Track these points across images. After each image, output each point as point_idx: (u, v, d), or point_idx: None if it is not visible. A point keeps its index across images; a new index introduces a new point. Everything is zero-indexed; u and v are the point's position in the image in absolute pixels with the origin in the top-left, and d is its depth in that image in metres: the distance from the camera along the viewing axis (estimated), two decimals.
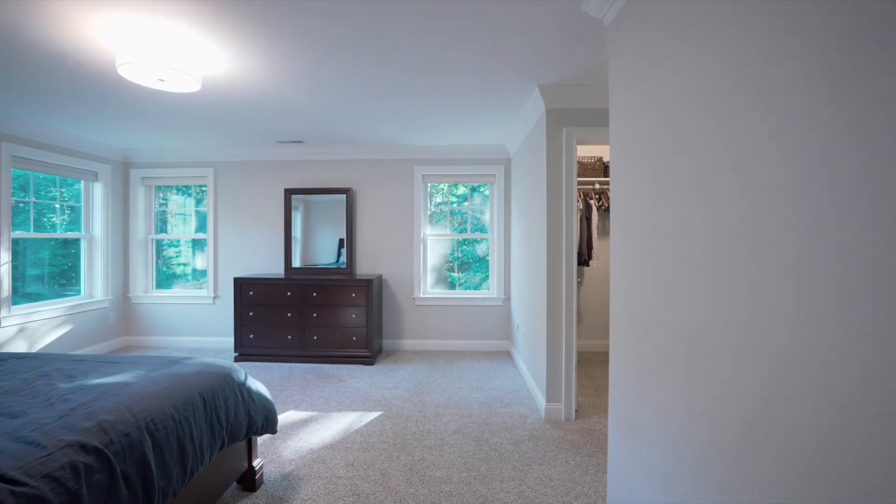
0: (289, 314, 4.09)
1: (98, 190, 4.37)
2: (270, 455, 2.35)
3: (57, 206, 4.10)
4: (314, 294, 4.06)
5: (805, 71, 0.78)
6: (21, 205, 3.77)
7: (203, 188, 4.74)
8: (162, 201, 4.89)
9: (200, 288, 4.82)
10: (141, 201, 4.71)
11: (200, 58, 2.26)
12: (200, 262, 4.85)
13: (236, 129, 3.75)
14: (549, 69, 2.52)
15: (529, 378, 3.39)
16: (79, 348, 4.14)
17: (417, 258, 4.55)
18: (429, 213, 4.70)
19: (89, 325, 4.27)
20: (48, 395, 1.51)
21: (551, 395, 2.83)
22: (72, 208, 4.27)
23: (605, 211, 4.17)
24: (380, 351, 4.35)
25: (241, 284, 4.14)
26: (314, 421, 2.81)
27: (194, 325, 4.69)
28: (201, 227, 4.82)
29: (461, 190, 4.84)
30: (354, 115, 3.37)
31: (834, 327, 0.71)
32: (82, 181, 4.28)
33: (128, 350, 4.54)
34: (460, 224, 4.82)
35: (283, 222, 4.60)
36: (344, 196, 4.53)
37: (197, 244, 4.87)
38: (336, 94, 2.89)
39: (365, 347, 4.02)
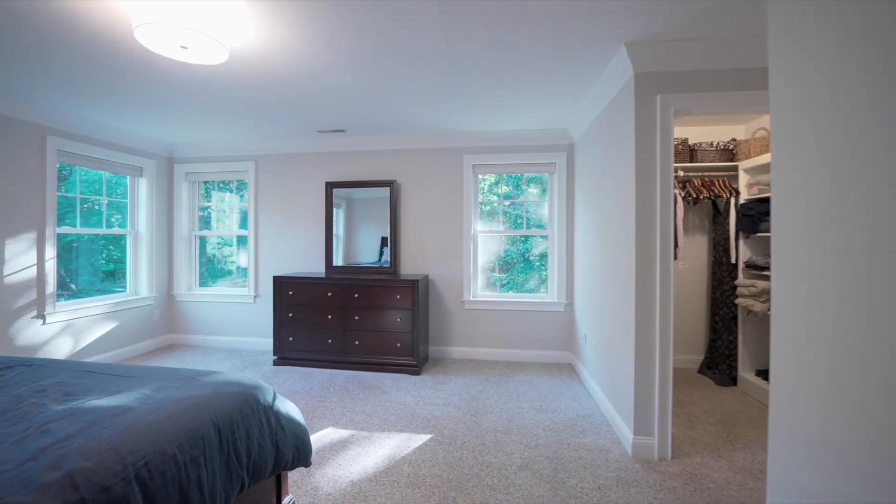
0: (329, 316, 3.78)
1: (143, 185, 4.30)
2: (304, 487, 1.99)
3: (103, 201, 4.05)
4: (356, 295, 3.73)
5: None
6: (68, 200, 3.73)
7: (244, 183, 4.57)
8: (205, 197, 4.78)
9: (241, 286, 4.65)
10: (185, 197, 4.61)
11: (227, 22, 1.95)
12: (242, 259, 4.69)
13: (273, 116, 3.48)
14: (641, 20, 1.98)
15: (604, 400, 2.84)
16: (123, 346, 4.07)
17: (467, 257, 4.10)
18: (479, 207, 4.25)
19: (134, 323, 4.21)
20: (30, 422, 1.21)
21: (640, 426, 2.28)
22: (118, 204, 4.22)
23: (692, 203, 3.51)
24: (426, 359, 3.95)
25: (280, 283, 3.89)
26: (355, 443, 2.43)
27: (235, 324, 4.52)
28: (243, 223, 4.66)
29: (508, 186, 4.33)
30: (401, 97, 2.98)
31: None
32: (128, 177, 4.22)
33: (171, 349, 4.44)
34: (514, 219, 4.32)
35: (324, 218, 4.32)
36: (387, 189, 4.17)
37: (239, 241, 4.72)
38: (382, 69, 2.50)
39: (410, 355, 3.63)
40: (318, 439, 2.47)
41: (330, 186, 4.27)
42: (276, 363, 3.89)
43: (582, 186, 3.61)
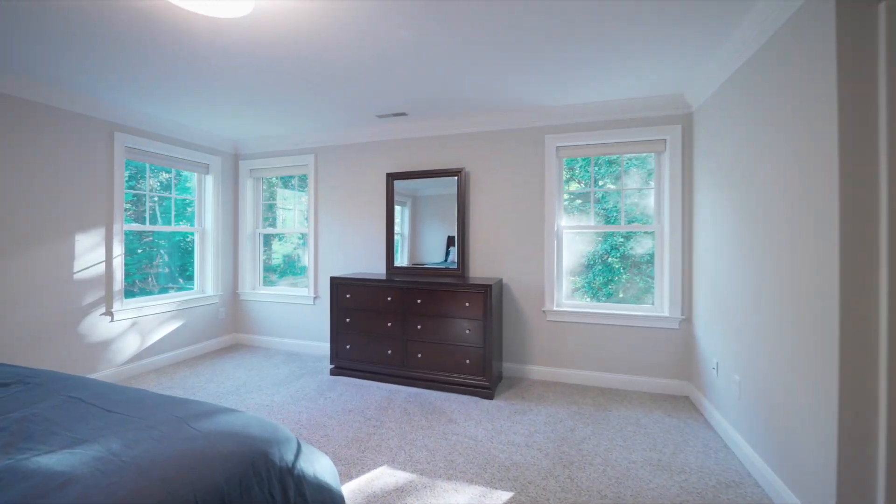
0: (389, 324, 3.33)
1: (209, 183, 4.23)
2: None
3: (172, 198, 4.03)
4: (418, 301, 3.23)
5: None
6: (136, 197, 3.72)
7: (305, 179, 4.32)
8: (268, 194, 4.64)
9: (302, 286, 4.42)
10: (249, 194, 4.49)
11: None
12: (303, 258, 4.46)
13: (330, 98, 3.10)
14: None
15: (758, 462, 1.99)
16: (188, 345, 4.01)
17: (550, 258, 3.40)
18: (564, 197, 3.52)
19: (200, 321, 4.14)
20: None
21: None
22: (186, 202, 4.19)
23: None
24: (499, 379, 3.32)
25: (337, 285, 3.53)
26: (413, 493, 1.90)
27: (295, 326, 4.29)
28: (304, 220, 4.43)
29: (599, 173, 3.54)
30: (468, 64, 2.40)
31: None
32: (195, 174, 4.17)
33: (234, 349, 4.33)
34: (609, 213, 3.52)
35: (384, 212, 3.90)
36: (454, 179, 3.62)
37: (301, 240, 4.50)
38: (445, 24, 1.94)
39: (481, 374, 3.03)
40: (368, 482, 1.98)
41: (391, 178, 3.83)
42: (332, 372, 3.54)
43: (708, 168, 2.74)
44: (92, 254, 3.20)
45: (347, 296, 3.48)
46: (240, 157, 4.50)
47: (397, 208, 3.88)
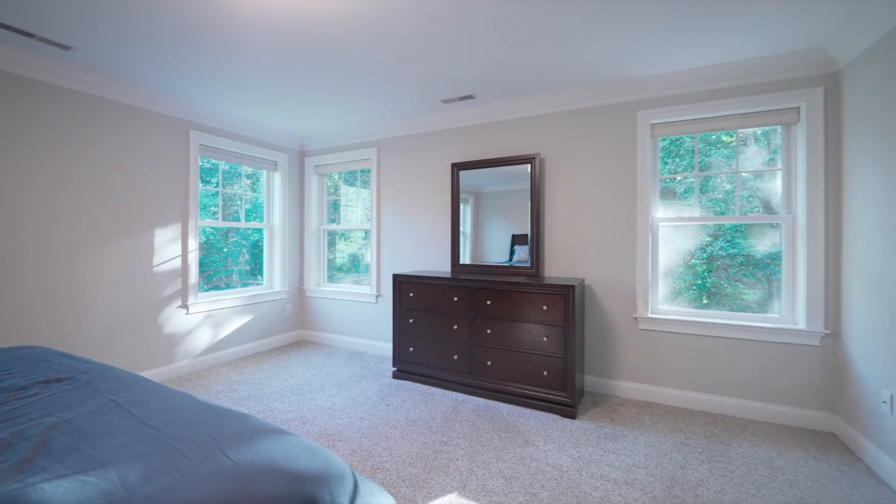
0: (455, 326, 3.04)
1: (277, 180, 4.27)
2: None
3: (243, 195, 4.10)
4: (488, 302, 2.90)
5: None
6: (210, 193, 3.81)
7: (368, 175, 4.19)
8: (332, 190, 4.59)
9: (365, 284, 4.30)
10: (314, 190, 4.48)
11: None
12: (366, 254, 4.34)
13: (392, 80, 2.88)
14: None
15: None
16: (256, 339, 4.05)
17: (643, 256, 2.89)
18: (661, 184, 2.99)
19: (268, 316, 4.17)
20: None
21: None
22: (256, 199, 4.26)
23: None
24: (581, 394, 2.88)
25: (400, 283, 3.31)
26: None
27: (358, 324, 4.17)
28: (366, 216, 4.30)
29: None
30: (551, 24, 2.02)
31: None
32: (264, 171, 4.22)
33: (300, 345, 4.32)
34: (720, 201, 2.92)
35: (448, 206, 3.63)
36: (527, 167, 3.24)
37: (363, 237, 4.38)
38: None
39: (562, 389, 2.62)
40: None
41: (456, 168, 3.55)
42: (395, 375, 3.33)
43: (870, 142, 2.08)
44: (169, 248, 3.29)
45: (411, 294, 3.25)
46: (305, 153, 4.50)
47: (460, 202, 3.58)
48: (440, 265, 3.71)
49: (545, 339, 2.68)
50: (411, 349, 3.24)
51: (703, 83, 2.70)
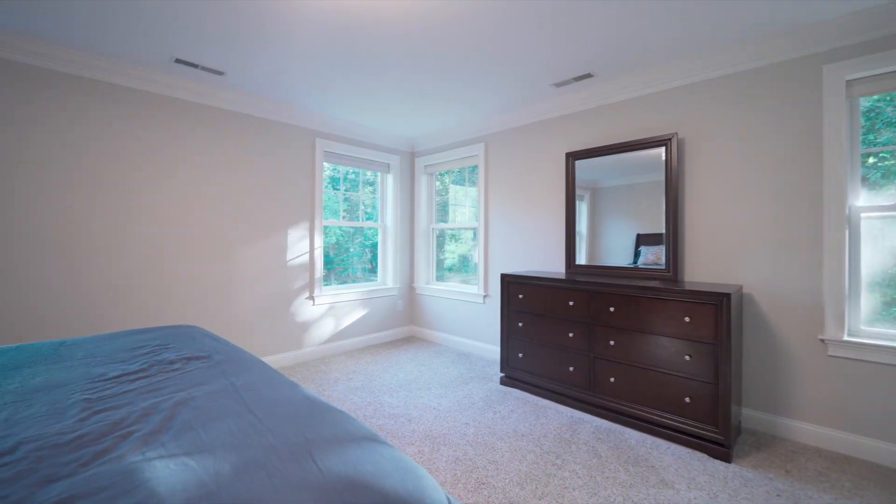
0: (571, 334, 2.71)
1: (390, 181, 4.44)
2: None
3: (362, 198, 4.36)
4: (611, 308, 2.50)
5: None
6: (332, 195, 4.13)
7: (475, 172, 4.08)
8: (442, 190, 4.61)
9: (473, 283, 4.20)
10: (423, 190, 4.55)
11: None
12: (473, 254, 4.24)
13: (498, 65, 2.69)
14: None
15: None
16: (371, 332, 4.26)
17: (835, 258, 2.17)
18: (863, 161, 2.21)
19: (381, 311, 4.37)
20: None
21: None
22: (374, 200, 4.50)
23: None
24: (737, 431, 2.28)
25: (508, 283, 3.11)
26: None
27: (466, 325, 4.09)
28: (474, 215, 4.20)
29: None
30: None
31: None
32: (379, 173, 4.43)
33: (410, 341, 4.42)
34: None
35: (562, 200, 3.29)
36: (659, 151, 2.73)
37: (472, 236, 4.29)
38: None
39: (710, 422, 2.10)
40: None
41: (571, 158, 3.19)
42: (502, 382, 3.13)
43: None
44: (298, 245, 3.64)
45: (520, 296, 3.01)
46: (416, 154, 4.61)
47: (575, 197, 3.21)
48: (553, 266, 3.39)
49: (687, 357, 2.18)
50: (520, 355, 3.01)
51: None
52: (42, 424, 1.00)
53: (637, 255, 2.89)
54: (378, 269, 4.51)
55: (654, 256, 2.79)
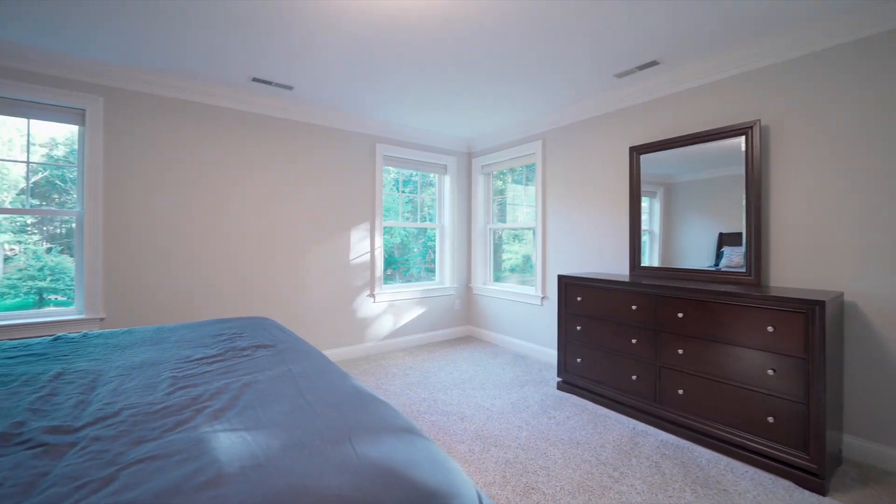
0: (634, 340, 2.54)
1: (447, 182, 4.51)
2: None
3: (423, 198, 4.48)
4: (679, 315, 2.31)
5: None
6: (392, 197, 4.29)
7: (533, 171, 3.99)
8: (499, 189, 4.57)
9: (529, 284, 4.11)
10: (480, 190, 4.55)
11: None
12: (531, 254, 4.15)
13: (554, 56, 2.60)
14: None
15: None
16: (428, 331, 4.35)
17: None
18: None
19: (439, 310, 4.45)
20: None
21: None
22: (430, 201, 4.60)
23: None
24: (837, 462, 1.98)
25: (566, 285, 3.00)
26: None
27: (522, 326, 4.02)
28: (531, 215, 4.11)
29: None
30: None
31: None
32: (436, 174, 4.52)
33: (466, 341, 4.45)
34: None
35: (625, 198, 3.09)
36: (738, 141, 2.46)
37: (530, 235, 4.21)
38: None
39: (799, 447, 1.85)
40: None
41: (636, 152, 2.99)
42: (559, 387, 3.03)
43: None
44: (360, 245, 3.84)
45: (578, 299, 2.89)
46: (472, 154, 4.62)
47: (644, 201, 3.00)
48: (615, 267, 3.21)
49: (770, 371, 1.94)
50: (579, 360, 2.88)
51: None
52: (139, 395, 1.17)
53: (719, 256, 2.63)
54: (436, 268, 4.60)
55: (738, 258, 2.52)
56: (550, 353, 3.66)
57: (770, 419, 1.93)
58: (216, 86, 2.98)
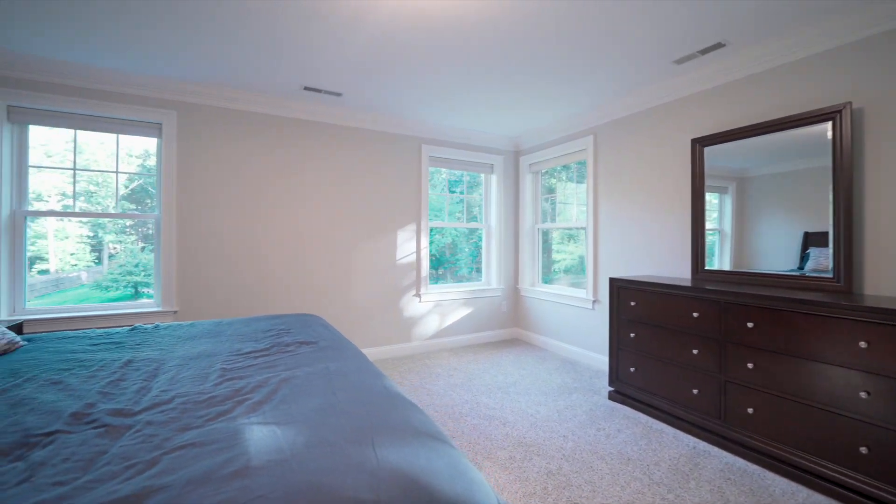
0: (695, 351, 2.32)
1: (493, 181, 4.44)
2: None
3: (474, 198, 4.46)
4: (749, 324, 2.07)
5: None
6: (438, 197, 4.30)
7: (584, 168, 3.80)
8: (547, 188, 4.42)
9: (580, 287, 3.92)
10: (528, 189, 4.42)
11: None
12: (583, 256, 3.96)
13: (605, 45, 2.44)
14: None
15: None
16: (474, 332, 4.31)
17: None
18: None
19: (485, 311, 4.39)
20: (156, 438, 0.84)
21: None
22: (476, 201, 4.55)
23: None
24: None
25: (618, 289, 2.82)
26: None
27: (572, 330, 3.84)
28: (581, 214, 3.92)
29: None
30: None
31: None
32: (482, 174, 4.46)
33: (513, 343, 4.35)
34: None
35: (687, 195, 2.84)
36: (824, 128, 2.15)
37: (581, 235, 4.02)
38: None
39: None
40: None
41: (699, 144, 2.74)
42: (611, 396, 2.85)
43: None
44: (406, 245, 3.90)
45: (632, 303, 2.71)
46: (520, 153, 4.51)
47: (712, 197, 2.74)
48: (674, 270, 2.96)
49: (863, 395, 1.67)
50: (632, 369, 2.70)
51: None
52: (192, 384, 1.26)
53: (804, 258, 2.32)
54: (483, 269, 4.55)
55: (827, 260, 2.21)
56: (601, 360, 3.47)
57: (863, 450, 1.66)
58: (272, 96, 3.17)
